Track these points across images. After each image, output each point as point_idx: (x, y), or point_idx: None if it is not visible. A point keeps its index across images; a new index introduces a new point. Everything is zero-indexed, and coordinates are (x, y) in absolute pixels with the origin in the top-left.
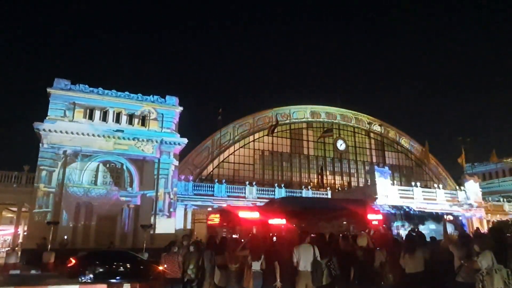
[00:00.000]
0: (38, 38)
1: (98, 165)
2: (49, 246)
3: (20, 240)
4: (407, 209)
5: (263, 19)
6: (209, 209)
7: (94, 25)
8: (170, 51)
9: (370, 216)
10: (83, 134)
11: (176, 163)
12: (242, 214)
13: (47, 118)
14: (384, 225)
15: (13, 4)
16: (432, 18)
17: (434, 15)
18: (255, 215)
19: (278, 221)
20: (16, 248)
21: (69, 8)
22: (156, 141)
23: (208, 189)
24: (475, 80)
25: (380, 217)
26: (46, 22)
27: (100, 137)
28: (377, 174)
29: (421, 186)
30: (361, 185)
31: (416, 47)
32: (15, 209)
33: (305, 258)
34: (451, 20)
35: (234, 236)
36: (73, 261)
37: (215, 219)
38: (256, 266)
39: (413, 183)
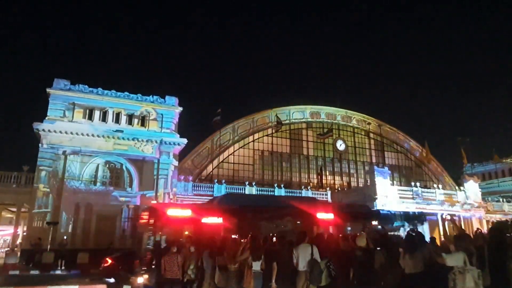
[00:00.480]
0: (38, 38)
1: (98, 165)
2: (49, 246)
3: (20, 241)
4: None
5: (263, 19)
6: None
7: (93, 25)
8: (170, 51)
9: (320, 215)
10: (82, 134)
11: (176, 163)
12: (171, 212)
13: (46, 118)
14: (383, 226)
15: (13, 4)
16: (432, 18)
17: (433, 15)
18: (186, 213)
19: (213, 220)
20: (16, 249)
21: (69, 8)
22: (156, 142)
23: (207, 189)
24: (474, 80)
25: (331, 216)
26: (46, 22)
27: (100, 137)
28: (376, 174)
29: (420, 186)
30: (360, 185)
31: (416, 47)
32: (14, 209)
33: (303, 258)
34: (450, 19)
35: (234, 236)
36: (109, 261)
37: (144, 217)
38: (256, 266)
39: (412, 183)
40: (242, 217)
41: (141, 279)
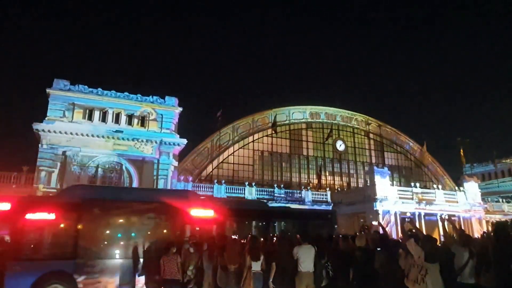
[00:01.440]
0: (38, 38)
1: (98, 165)
2: None
3: None
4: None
5: (263, 19)
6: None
7: (93, 26)
8: (170, 51)
9: (195, 212)
10: (82, 134)
11: (176, 163)
12: None
13: (46, 118)
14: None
15: (13, 4)
16: (431, 18)
17: (433, 16)
18: (4, 207)
19: (42, 216)
20: None
21: (69, 8)
22: (156, 142)
23: (207, 189)
24: (474, 81)
25: (210, 213)
26: (45, 22)
27: (100, 138)
28: (376, 174)
29: (420, 187)
30: (360, 185)
31: (415, 47)
32: None
33: (307, 259)
34: (450, 20)
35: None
36: None
37: None
38: (256, 267)
39: (412, 184)
40: (86, 213)
41: None
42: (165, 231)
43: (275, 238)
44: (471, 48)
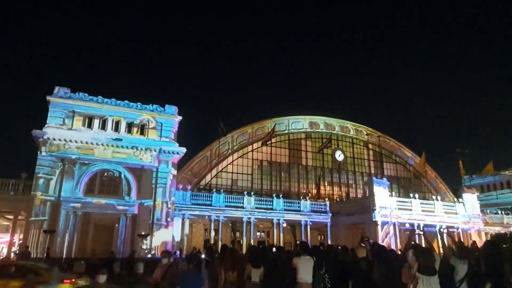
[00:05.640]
0: (38, 46)
1: (96, 173)
2: (45, 255)
3: (16, 249)
4: None
5: (263, 30)
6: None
7: (94, 34)
8: (170, 59)
9: None
10: (81, 142)
11: (175, 172)
12: None
13: (46, 125)
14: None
15: (14, 11)
16: (430, 31)
17: (431, 28)
18: None
19: None
20: (12, 257)
21: (70, 16)
22: (155, 150)
23: (206, 198)
24: (474, 92)
25: None
26: (47, 30)
27: (99, 146)
28: (375, 185)
29: (419, 198)
30: (359, 196)
31: (415, 59)
32: (11, 217)
33: (306, 270)
34: (448, 33)
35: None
36: None
37: None
38: (255, 277)
39: (411, 195)
40: None
41: None
42: None
43: (274, 248)
44: (470, 58)
